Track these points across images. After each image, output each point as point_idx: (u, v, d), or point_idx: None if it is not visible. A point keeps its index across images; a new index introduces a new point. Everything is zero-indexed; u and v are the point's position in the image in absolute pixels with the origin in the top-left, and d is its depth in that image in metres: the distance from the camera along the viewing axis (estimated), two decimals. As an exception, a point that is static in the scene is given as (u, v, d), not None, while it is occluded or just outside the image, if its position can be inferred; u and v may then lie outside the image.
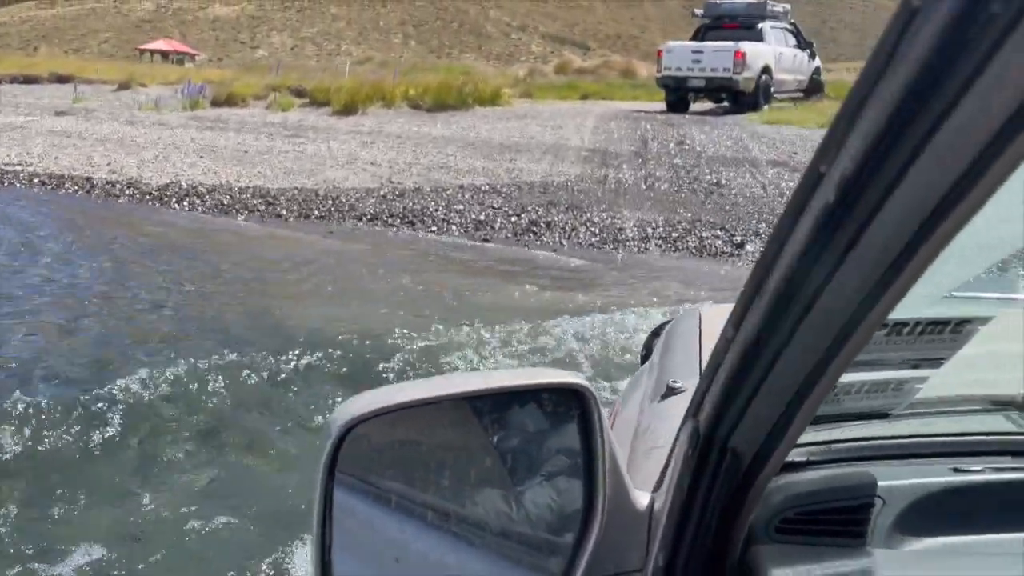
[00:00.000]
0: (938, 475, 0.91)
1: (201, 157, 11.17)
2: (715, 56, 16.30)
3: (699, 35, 17.87)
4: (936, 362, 0.90)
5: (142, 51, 66.37)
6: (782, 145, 12.24)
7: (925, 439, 0.97)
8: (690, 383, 1.31)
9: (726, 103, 17.89)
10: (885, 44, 0.40)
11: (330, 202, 9.07)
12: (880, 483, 0.83)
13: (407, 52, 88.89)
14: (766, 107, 17.08)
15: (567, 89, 24.71)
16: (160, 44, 66.19)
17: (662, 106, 18.08)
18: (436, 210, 8.73)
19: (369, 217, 8.59)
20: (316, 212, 8.75)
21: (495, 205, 9.06)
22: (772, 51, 17.07)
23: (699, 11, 18.46)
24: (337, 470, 0.72)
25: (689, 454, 0.76)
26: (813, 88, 19.21)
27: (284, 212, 8.78)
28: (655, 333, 2.25)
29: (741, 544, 0.77)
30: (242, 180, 9.94)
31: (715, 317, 1.73)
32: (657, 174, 10.52)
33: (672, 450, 0.84)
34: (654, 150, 12.09)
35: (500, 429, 0.82)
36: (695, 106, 18.51)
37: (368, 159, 11.16)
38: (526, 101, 20.49)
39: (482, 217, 8.51)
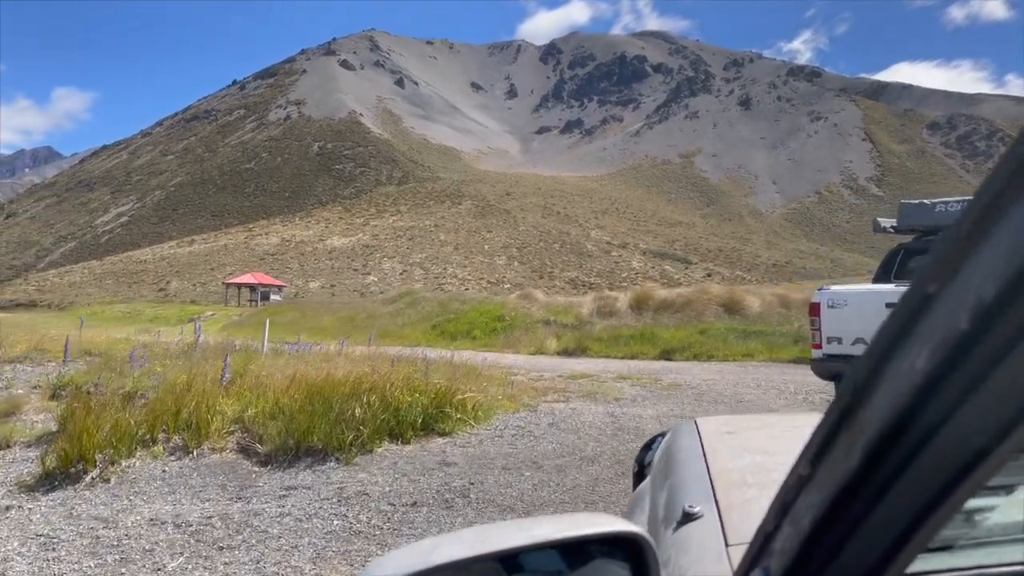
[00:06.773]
0: None
1: None
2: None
3: (894, 264, 8.37)
4: (1007, 489, 0.77)
5: (229, 285, 64.59)
6: None
7: (991, 570, 0.87)
8: (706, 507, 1.24)
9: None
10: None
11: None
12: None
13: (510, 273, 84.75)
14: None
15: (639, 341, 15.68)
16: (247, 278, 64.13)
17: (809, 391, 8.60)
18: None
19: None
20: None
21: None
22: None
23: (887, 223, 8.93)
24: None
25: None
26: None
27: None
28: (647, 447, 2.07)
29: None
30: None
31: (715, 431, 1.73)
32: None
33: None
34: None
35: None
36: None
37: None
38: (564, 374, 11.61)
39: None
